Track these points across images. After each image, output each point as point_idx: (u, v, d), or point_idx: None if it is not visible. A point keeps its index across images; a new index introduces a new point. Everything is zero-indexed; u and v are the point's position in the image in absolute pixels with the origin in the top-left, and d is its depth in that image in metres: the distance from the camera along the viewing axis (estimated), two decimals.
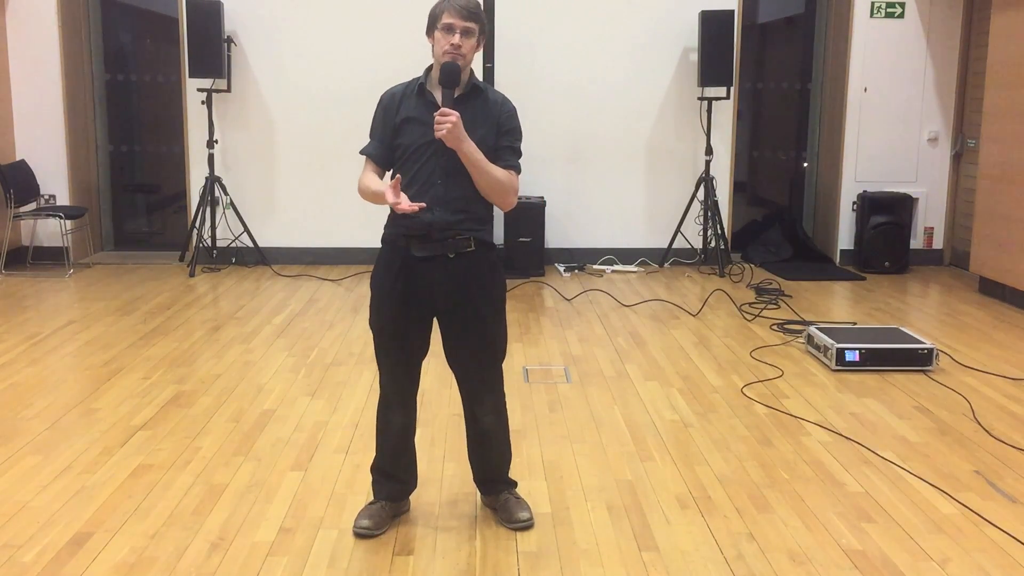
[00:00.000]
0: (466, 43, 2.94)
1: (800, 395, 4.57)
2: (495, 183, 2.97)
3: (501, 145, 3.02)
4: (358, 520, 3.11)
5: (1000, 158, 6.63)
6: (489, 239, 3.06)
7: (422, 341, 3.10)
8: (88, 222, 7.88)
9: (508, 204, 3.05)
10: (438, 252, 2.97)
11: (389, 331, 3.06)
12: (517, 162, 3.06)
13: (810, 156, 8.49)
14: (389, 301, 3.03)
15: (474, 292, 3.02)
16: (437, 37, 2.95)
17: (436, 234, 2.96)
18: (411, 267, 2.99)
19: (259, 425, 4.11)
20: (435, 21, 2.97)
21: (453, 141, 2.87)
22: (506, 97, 3.10)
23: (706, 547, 3.04)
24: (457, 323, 3.04)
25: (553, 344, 5.48)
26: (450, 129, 2.84)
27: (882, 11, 7.80)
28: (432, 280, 2.99)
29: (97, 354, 5.16)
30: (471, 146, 2.90)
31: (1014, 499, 3.42)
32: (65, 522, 3.16)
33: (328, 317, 6.09)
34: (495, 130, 3.01)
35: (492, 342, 3.10)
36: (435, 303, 3.02)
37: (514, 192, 3.04)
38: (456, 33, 2.92)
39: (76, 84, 7.81)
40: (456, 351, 3.10)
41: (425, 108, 2.97)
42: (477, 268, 3.02)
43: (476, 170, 2.93)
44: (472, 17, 2.94)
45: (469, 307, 3.02)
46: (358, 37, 7.70)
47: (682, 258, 7.98)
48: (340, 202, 7.89)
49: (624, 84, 7.84)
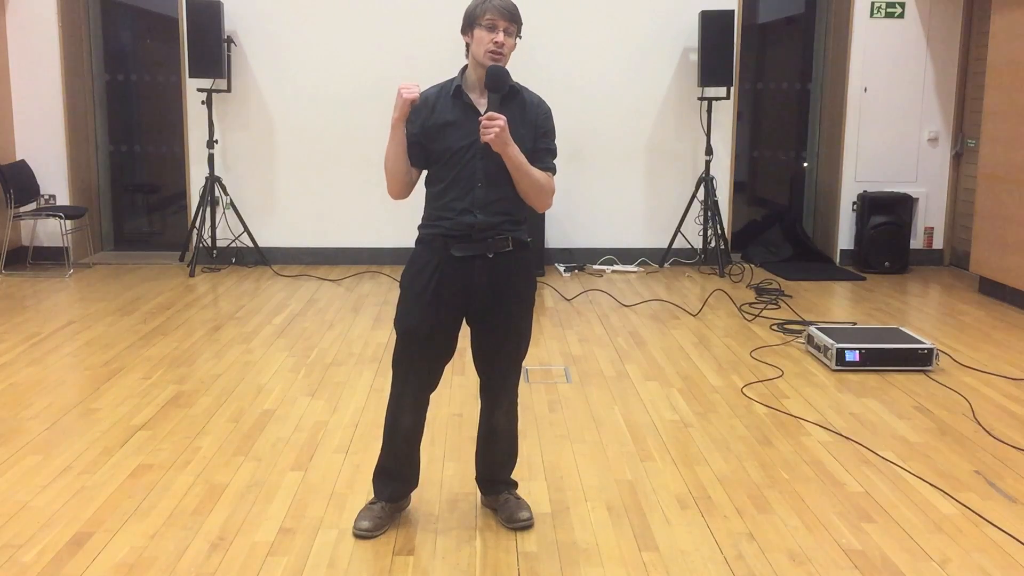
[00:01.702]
0: (508, 42, 2.94)
1: (800, 395, 4.57)
2: (536, 185, 2.97)
3: (539, 147, 3.02)
4: (358, 522, 3.11)
5: (1000, 158, 6.63)
6: (525, 238, 3.07)
7: (450, 344, 3.09)
8: (88, 222, 7.88)
9: (545, 205, 3.06)
10: (478, 252, 2.97)
11: (419, 332, 3.03)
12: (554, 163, 3.08)
13: (810, 156, 8.49)
14: (421, 302, 3.01)
15: (509, 292, 3.03)
16: (477, 36, 2.93)
17: (477, 234, 2.96)
18: (448, 267, 2.98)
19: (259, 425, 4.11)
20: (474, 20, 2.94)
21: (500, 145, 2.86)
22: (541, 98, 3.11)
23: (706, 547, 3.04)
24: (491, 323, 3.04)
25: (553, 344, 5.48)
26: (498, 133, 2.83)
27: (882, 11, 7.79)
28: (469, 280, 2.99)
29: (97, 354, 5.16)
30: (515, 149, 2.90)
31: (1014, 499, 3.42)
32: (65, 522, 3.16)
33: (328, 317, 6.09)
34: (533, 131, 3.01)
35: (521, 341, 3.12)
36: (469, 304, 3.02)
37: (551, 193, 3.05)
38: (500, 31, 2.91)
39: (76, 84, 7.81)
40: (487, 351, 3.09)
41: (463, 111, 2.96)
42: (514, 268, 3.03)
43: (519, 173, 2.93)
44: (514, 17, 2.95)
45: (503, 307, 3.02)
46: (358, 37, 7.71)
47: (682, 258, 7.98)
48: (340, 202, 7.90)
49: (624, 84, 7.84)
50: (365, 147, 7.53)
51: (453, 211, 2.96)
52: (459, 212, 2.94)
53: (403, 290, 3.09)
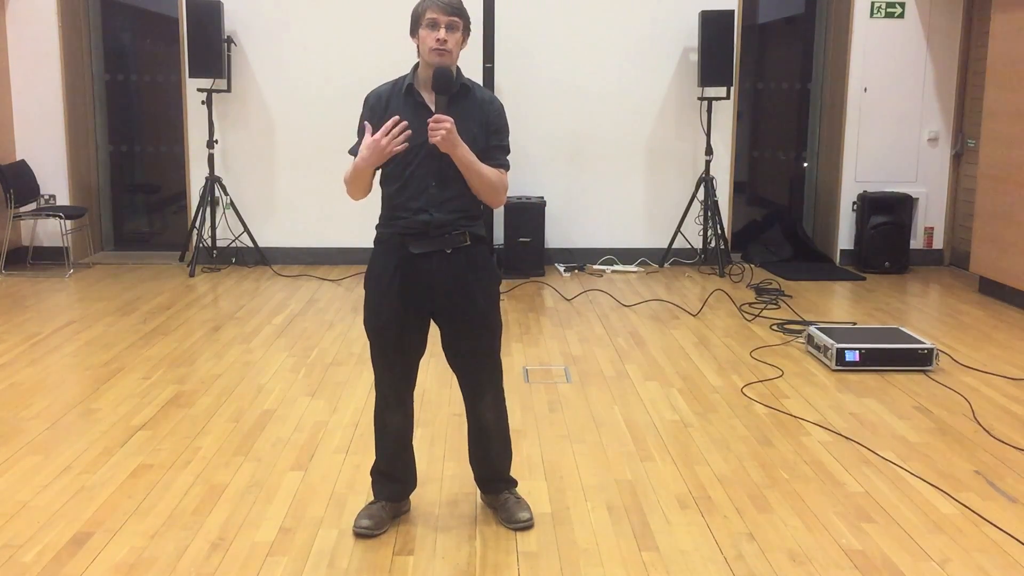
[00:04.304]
0: (451, 37, 2.93)
1: (800, 395, 4.57)
2: (487, 183, 2.99)
3: (491, 144, 3.03)
4: (358, 520, 3.12)
5: (1000, 158, 6.63)
6: (482, 232, 3.09)
7: (420, 340, 3.11)
8: (88, 222, 7.88)
9: (498, 202, 3.09)
10: (436, 248, 2.99)
11: (387, 331, 3.06)
12: (507, 160, 3.09)
13: (810, 156, 8.49)
14: (386, 300, 3.04)
15: (472, 284, 3.04)
16: (422, 36, 2.95)
17: (433, 231, 2.97)
18: (408, 264, 3.00)
19: (259, 425, 4.11)
20: (418, 20, 2.96)
21: (448, 147, 2.87)
22: (493, 95, 3.13)
23: (706, 547, 3.04)
24: (456, 316, 3.05)
25: (553, 344, 5.48)
26: (444, 136, 2.84)
27: (882, 11, 7.79)
28: (431, 276, 3.00)
29: (97, 354, 5.16)
30: (465, 150, 2.91)
31: (1014, 499, 3.42)
32: (65, 522, 3.16)
33: (328, 317, 6.09)
34: (484, 129, 3.02)
35: (491, 331, 3.12)
36: (433, 299, 3.03)
37: (504, 190, 3.08)
38: (441, 28, 2.91)
39: (76, 84, 7.81)
40: (456, 345, 3.10)
41: (414, 110, 2.97)
42: (473, 261, 3.05)
43: (469, 172, 2.95)
44: (455, 11, 2.94)
45: (467, 299, 3.04)
46: (358, 37, 7.70)
47: (682, 258, 7.98)
48: (340, 202, 7.79)
49: (624, 84, 7.83)
50: None
51: (409, 210, 2.98)
52: (414, 211, 2.96)
53: (367, 291, 3.11)
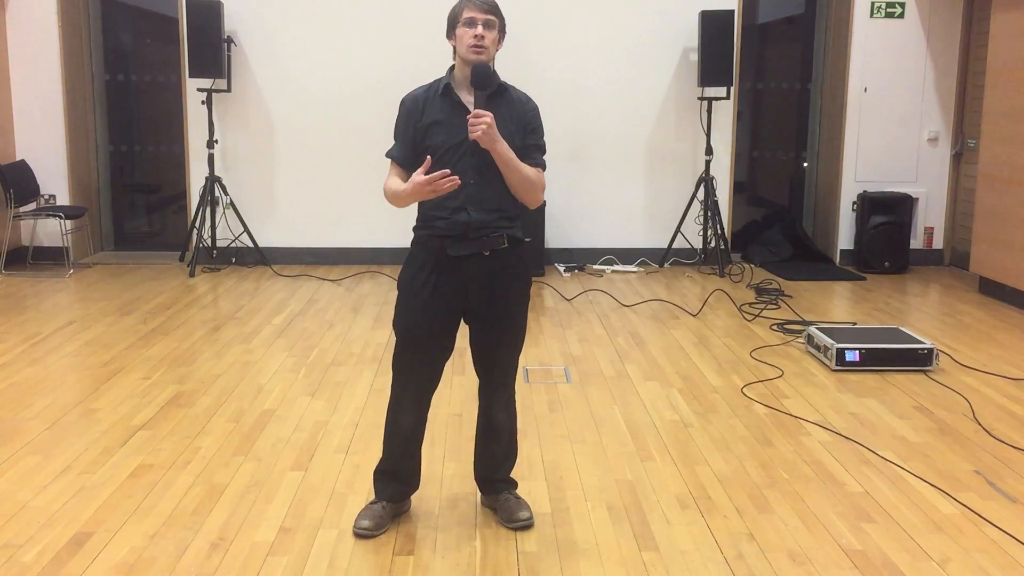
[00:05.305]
0: (488, 35, 2.96)
1: (800, 395, 4.57)
2: (526, 181, 3.00)
3: (528, 143, 3.05)
4: (358, 520, 3.11)
5: (1000, 158, 6.63)
6: (520, 235, 3.09)
7: (449, 342, 3.11)
8: (88, 222, 7.88)
9: (536, 201, 3.09)
10: (475, 250, 2.99)
11: (419, 332, 3.05)
12: (543, 160, 3.10)
13: (810, 156, 8.49)
14: (420, 301, 3.03)
15: (506, 288, 3.05)
16: (459, 34, 2.98)
17: (472, 233, 2.97)
18: (445, 267, 3.00)
19: (259, 425, 4.11)
20: (455, 19, 2.99)
21: (488, 142, 2.88)
22: (529, 96, 3.14)
23: (706, 547, 3.04)
24: (489, 319, 3.06)
25: (553, 344, 5.48)
26: (485, 130, 2.85)
27: (882, 11, 7.79)
28: (467, 278, 3.00)
29: (97, 354, 5.16)
30: (504, 146, 2.92)
31: (1014, 499, 3.42)
32: (65, 522, 3.16)
33: (328, 317, 6.09)
34: (521, 128, 3.04)
35: (518, 334, 3.14)
36: (467, 301, 3.03)
37: (542, 189, 3.08)
38: (479, 25, 2.94)
39: (76, 84, 7.80)
40: (486, 348, 3.11)
41: (452, 110, 2.98)
42: (510, 264, 3.05)
43: (508, 169, 2.95)
44: (491, 10, 2.98)
45: (501, 303, 3.04)
46: (358, 37, 7.70)
47: (682, 258, 7.98)
48: (340, 202, 7.90)
49: (624, 84, 7.83)
50: (365, 147, 7.54)
51: (447, 209, 2.97)
52: (453, 210, 2.96)
53: (401, 291, 3.10)
